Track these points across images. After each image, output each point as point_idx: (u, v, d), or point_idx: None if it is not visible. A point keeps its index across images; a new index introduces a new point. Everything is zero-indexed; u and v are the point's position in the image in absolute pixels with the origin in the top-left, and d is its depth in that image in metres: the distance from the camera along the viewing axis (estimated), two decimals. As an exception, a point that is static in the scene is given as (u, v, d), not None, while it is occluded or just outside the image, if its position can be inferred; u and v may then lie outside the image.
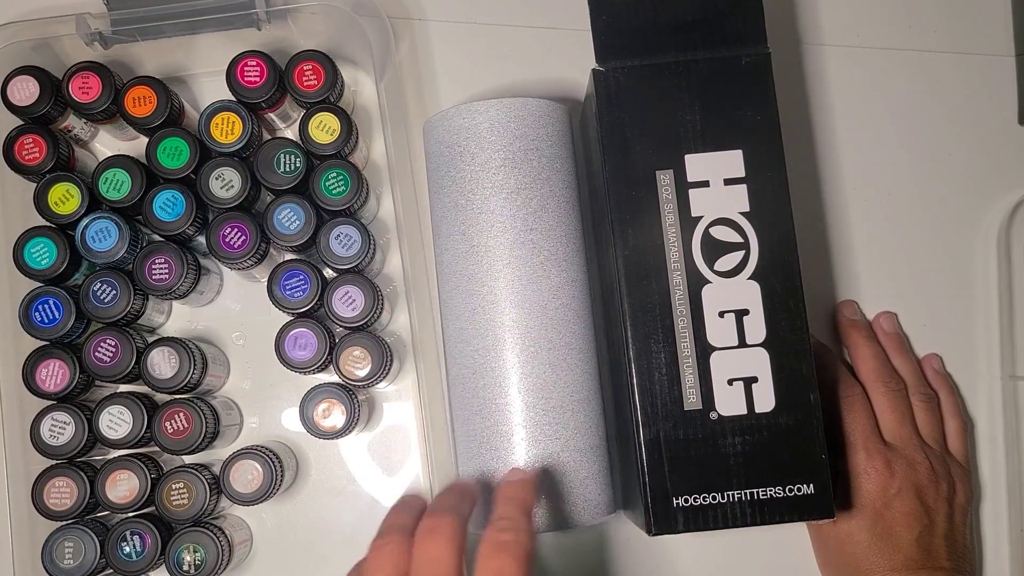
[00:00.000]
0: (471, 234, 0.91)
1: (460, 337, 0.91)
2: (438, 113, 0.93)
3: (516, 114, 0.91)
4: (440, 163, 0.93)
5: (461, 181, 0.91)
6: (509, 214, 0.90)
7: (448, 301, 0.93)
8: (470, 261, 0.91)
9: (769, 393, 0.84)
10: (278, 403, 1.03)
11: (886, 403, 0.99)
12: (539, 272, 0.90)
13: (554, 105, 0.93)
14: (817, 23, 1.10)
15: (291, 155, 0.96)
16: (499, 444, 0.89)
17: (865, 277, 1.07)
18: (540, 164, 0.91)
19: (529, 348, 0.89)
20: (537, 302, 0.89)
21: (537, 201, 0.90)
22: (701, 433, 0.84)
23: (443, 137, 0.93)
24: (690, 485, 0.83)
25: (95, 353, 0.94)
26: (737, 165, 0.86)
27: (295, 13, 0.99)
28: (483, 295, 0.90)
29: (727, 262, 0.85)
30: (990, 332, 1.06)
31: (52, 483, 0.94)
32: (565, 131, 0.94)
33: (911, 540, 0.94)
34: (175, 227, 0.95)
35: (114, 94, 0.97)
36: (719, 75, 0.87)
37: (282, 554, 1.02)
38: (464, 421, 0.92)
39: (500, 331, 0.89)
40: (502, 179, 0.90)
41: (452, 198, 0.92)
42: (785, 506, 0.83)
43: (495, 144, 0.91)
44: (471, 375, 0.91)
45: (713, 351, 0.84)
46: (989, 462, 1.05)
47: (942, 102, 1.09)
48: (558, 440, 0.88)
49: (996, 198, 1.07)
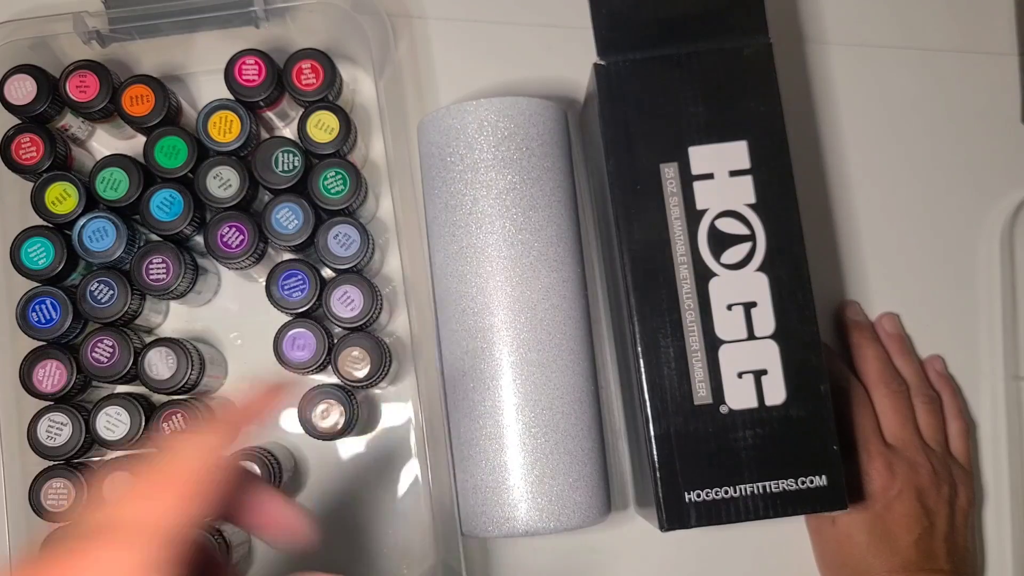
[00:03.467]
0: (460, 235, 0.90)
1: (452, 339, 0.91)
2: (429, 114, 0.93)
3: (506, 113, 0.91)
4: (432, 164, 0.93)
5: (451, 182, 0.91)
6: (498, 214, 0.90)
7: (441, 302, 0.93)
8: (460, 262, 0.90)
9: (779, 385, 0.84)
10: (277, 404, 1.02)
11: (888, 404, 0.99)
12: (529, 273, 0.89)
13: (545, 103, 0.93)
14: (819, 21, 1.10)
15: (289, 154, 0.96)
16: (488, 446, 0.89)
17: (867, 277, 1.06)
18: (531, 163, 0.91)
19: (518, 349, 0.89)
20: (527, 303, 0.89)
21: (527, 201, 0.90)
22: (712, 427, 0.83)
23: (434, 138, 0.92)
24: (702, 479, 0.83)
25: (92, 354, 0.94)
26: (742, 156, 0.86)
27: (294, 11, 0.99)
28: (472, 296, 0.90)
29: (734, 254, 0.85)
30: (993, 333, 1.06)
31: (50, 484, 0.93)
32: (557, 129, 0.94)
33: (910, 542, 0.94)
34: (173, 227, 0.95)
35: (112, 93, 0.97)
36: (721, 66, 0.87)
37: (280, 555, 1.01)
38: (456, 423, 0.92)
39: (489, 332, 0.89)
40: (491, 179, 0.90)
41: (443, 199, 0.92)
42: (798, 498, 0.83)
43: (484, 144, 0.90)
44: (461, 376, 0.90)
45: (722, 344, 0.84)
46: (992, 464, 1.05)
47: (944, 101, 1.09)
48: (548, 442, 0.88)
49: (999, 197, 1.07)
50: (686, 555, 1.04)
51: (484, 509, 0.89)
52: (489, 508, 0.88)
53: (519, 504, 0.87)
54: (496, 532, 0.88)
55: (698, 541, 1.04)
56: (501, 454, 0.88)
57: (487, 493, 0.88)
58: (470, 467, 0.90)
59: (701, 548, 1.04)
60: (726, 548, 1.04)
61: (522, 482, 0.87)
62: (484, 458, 0.89)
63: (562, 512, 0.88)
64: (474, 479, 0.89)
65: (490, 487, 0.88)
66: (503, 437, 0.88)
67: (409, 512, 1.01)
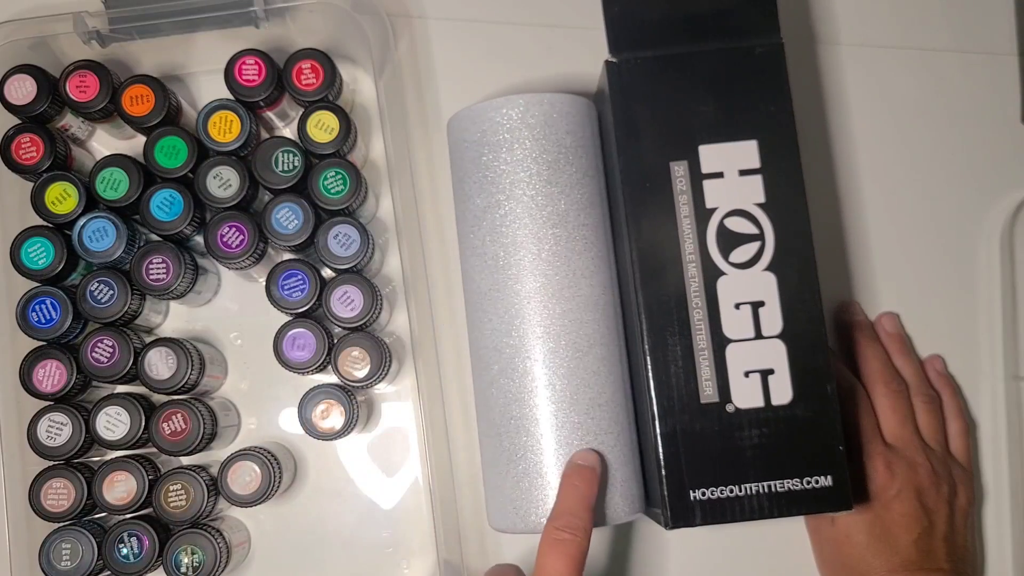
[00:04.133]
0: (501, 234, 0.89)
1: (488, 335, 0.90)
2: (465, 109, 0.92)
3: (551, 110, 0.90)
4: (465, 159, 0.92)
5: (487, 178, 0.90)
6: (543, 216, 0.89)
7: (475, 298, 0.91)
8: (500, 264, 0.89)
9: (786, 385, 0.83)
10: (276, 404, 1.02)
11: (888, 404, 0.99)
12: (571, 279, 0.89)
13: (585, 102, 0.93)
14: (820, 20, 1.09)
15: (289, 154, 0.96)
16: (529, 445, 0.88)
17: (867, 277, 1.07)
18: (575, 163, 0.90)
19: (557, 350, 0.88)
20: (566, 303, 0.88)
21: (571, 202, 0.89)
22: (718, 426, 0.83)
23: (469, 135, 0.91)
24: (707, 478, 0.83)
25: (92, 353, 0.94)
26: (752, 156, 0.86)
27: (294, 11, 0.99)
28: (510, 299, 0.89)
29: (742, 253, 0.85)
30: (993, 332, 1.06)
31: (49, 484, 0.93)
32: (590, 124, 0.93)
33: (910, 542, 0.94)
34: (173, 227, 0.95)
35: (112, 93, 0.97)
36: (733, 66, 0.87)
37: (280, 556, 1.02)
38: (491, 421, 0.90)
39: (526, 332, 0.88)
40: (535, 178, 0.89)
41: (479, 195, 0.90)
42: (803, 498, 0.83)
43: (524, 140, 0.89)
44: (499, 374, 0.89)
45: (729, 343, 0.84)
46: (992, 463, 1.05)
47: (944, 101, 1.09)
48: (591, 440, 0.88)
49: (999, 197, 1.07)
50: (688, 553, 1.04)
51: (518, 506, 0.88)
52: (524, 503, 0.88)
53: None
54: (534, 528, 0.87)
55: (699, 540, 1.04)
56: (540, 455, 0.87)
57: (526, 488, 0.88)
58: (505, 463, 0.89)
59: (703, 546, 1.04)
60: (727, 547, 1.04)
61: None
62: (523, 456, 0.87)
63: (608, 506, 0.88)
64: (514, 474, 0.88)
65: (531, 478, 0.88)
66: (542, 437, 0.87)
67: (409, 511, 1.01)
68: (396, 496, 1.01)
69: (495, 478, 0.90)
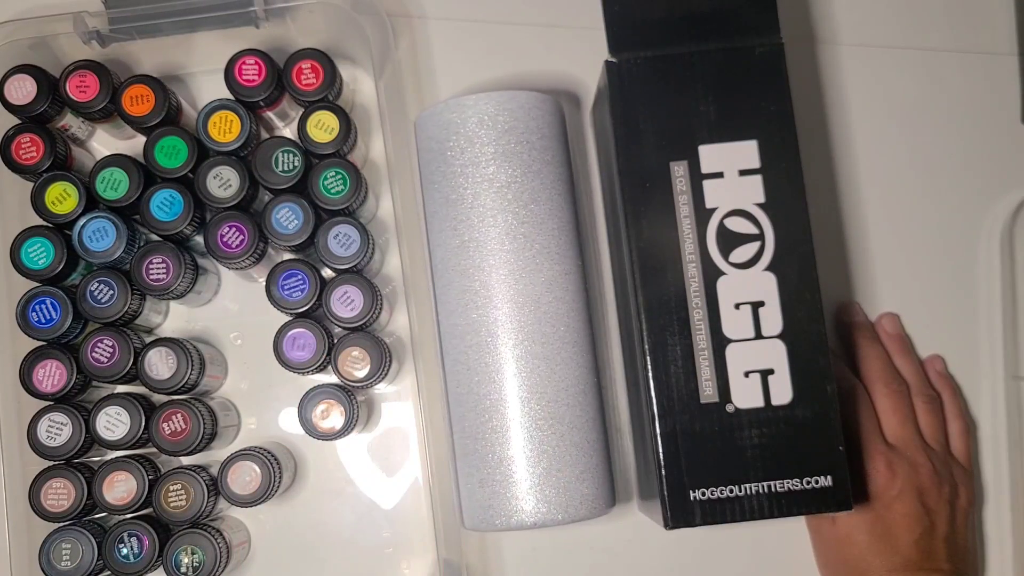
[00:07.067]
0: (461, 229, 0.90)
1: (454, 333, 0.91)
2: (427, 109, 0.93)
3: (505, 107, 0.91)
4: (431, 159, 0.93)
5: (451, 176, 0.91)
6: (499, 208, 0.89)
7: (442, 297, 0.92)
8: (461, 257, 0.90)
9: (786, 385, 0.83)
10: (276, 404, 1.03)
11: (888, 404, 0.99)
12: (531, 266, 0.89)
13: (544, 97, 0.93)
14: (820, 20, 1.09)
15: (289, 154, 0.96)
16: (494, 440, 0.88)
17: (867, 277, 1.07)
18: (530, 157, 0.91)
19: (523, 342, 0.89)
20: (530, 296, 0.89)
21: (528, 194, 0.90)
22: (718, 426, 0.83)
23: (433, 133, 0.92)
24: (707, 478, 0.83)
25: (92, 354, 0.94)
26: (752, 156, 0.86)
27: (294, 11, 0.99)
28: (475, 290, 0.90)
29: (742, 253, 0.85)
30: (993, 333, 1.06)
31: (49, 484, 0.93)
32: (556, 123, 0.94)
33: (910, 542, 0.94)
34: (173, 227, 0.95)
35: (112, 93, 0.97)
36: (733, 66, 0.87)
37: (280, 556, 1.02)
38: (459, 417, 0.91)
39: (493, 326, 0.89)
40: (492, 173, 0.90)
41: (443, 194, 0.91)
42: (803, 498, 0.83)
43: (484, 138, 0.90)
44: (465, 371, 0.90)
45: (729, 343, 0.84)
46: (992, 464, 1.05)
47: (944, 101, 1.09)
48: (554, 434, 0.88)
49: (999, 197, 1.07)
50: (687, 553, 1.04)
51: (491, 503, 0.88)
52: (497, 501, 0.88)
53: (527, 497, 0.87)
54: (504, 525, 0.88)
55: (699, 539, 1.04)
56: (507, 447, 0.88)
57: (494, 487, 0.88)
58: (475, 461, 0.89)
59: (702, 546, 1.04)
60: (727, 547, 1.04)
61: (529, 475, 0.87)
62: (490, 452, 0.88)
63: (570, 503, 0.88)
64: (480, 473, 0.89)
65: (497, 480, 0.88)
66: (509, 430, 0.88)
67: (409, 511, 1.01)
68: (396, 496, 1.01)
69: (464, 478, 0.91)
